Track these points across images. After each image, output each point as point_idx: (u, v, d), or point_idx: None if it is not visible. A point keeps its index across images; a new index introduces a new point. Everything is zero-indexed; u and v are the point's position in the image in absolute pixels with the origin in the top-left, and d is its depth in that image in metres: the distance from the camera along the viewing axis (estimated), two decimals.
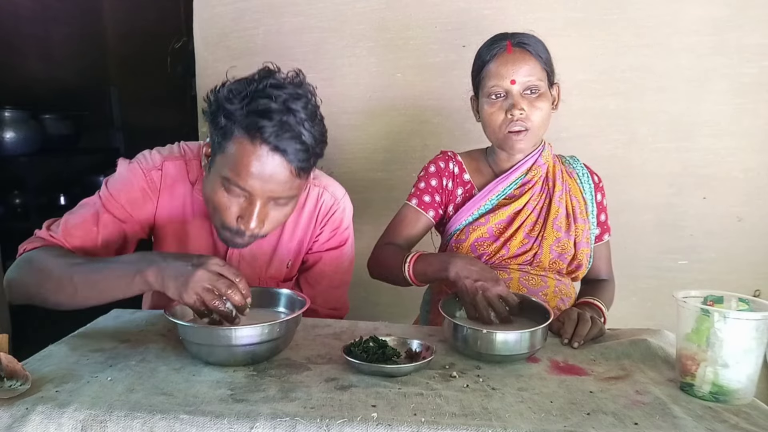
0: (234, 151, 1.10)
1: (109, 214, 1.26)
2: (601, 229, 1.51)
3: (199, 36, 2.18)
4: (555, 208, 1.42)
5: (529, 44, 1.34)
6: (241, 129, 1.09)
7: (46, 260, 1.13)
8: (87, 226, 1.24)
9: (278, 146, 1.08)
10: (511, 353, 1.04)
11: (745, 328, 0.89)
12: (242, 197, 1.15)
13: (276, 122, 1.07)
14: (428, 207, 1.46)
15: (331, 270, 1.45)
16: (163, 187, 1.30)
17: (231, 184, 1.13)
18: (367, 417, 0.83)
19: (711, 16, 1.88)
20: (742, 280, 1.98)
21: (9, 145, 3.05)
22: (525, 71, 1.32)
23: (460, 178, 1.48)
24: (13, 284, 1.14)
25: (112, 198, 1.27)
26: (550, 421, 0.84)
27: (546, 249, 1.41)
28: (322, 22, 2.05)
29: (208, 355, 1.00)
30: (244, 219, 1.15)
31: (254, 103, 1.08)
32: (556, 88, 1.41)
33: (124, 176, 1.30)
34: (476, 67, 1.42)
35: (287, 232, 1.39)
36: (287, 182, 1.13)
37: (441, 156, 1.51)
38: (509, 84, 1.32)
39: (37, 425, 0.81)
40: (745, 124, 1.93)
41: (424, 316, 1.56)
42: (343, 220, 1.43)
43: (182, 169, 1.32)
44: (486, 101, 1.37)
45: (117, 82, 4.06)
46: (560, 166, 1.48)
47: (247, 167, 1.09)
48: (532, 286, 1.39)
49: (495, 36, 1.39)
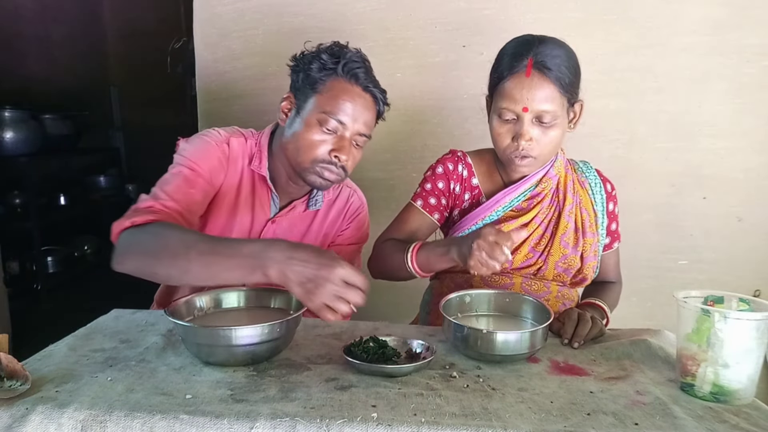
0: (333, 92, 1.30)
1: (198, 176, 1.31)
2: (611, 237, 1.48)
3: (199, 36, 2.18)
4: (564, 223, 1.38)
5: (552, 68, 1.23)
6: (340, 74, 1.30)
7: (163, 232, 1.11)
8: (184, 189, 1.27)
9: (369, 87, 1.32)
10: (512, 353, 1.04)
11: (745, 328, 0.89)
12: (334, 134, 1.30)
13: (366, 70, 1.33)
14: (434, 210, 1.43)
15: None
16: (230, 161, 1.39)
17: (329, 117, 1.29)
18: (367, 417, 0.83)
19: (711, 16, 1.88)
20: (742, 280, 1.98)
21: (9, 145, 3.05)
22: (541, 98, 1.23)
23: (468, 183, 1.43)
24: (126, 253, 1.11)
25: (193, 163, 1.32)
26: (550, 421, 0.84)
27: (551, 265, 1.38)
28: (322, 22, 2.05)
29: (208, 355, 1.00)
30: (338, 150, 1.30)
31: (348, 57, 1.31)
32: (579, 105, 1.32)
33: (200, 147, 1.35)
34: (494, 75, 1.33)
35: (317, 222, 1.50)
36: (370, 121, 1.35)
37: (450, 157, 1.46)
38: (521, 110, 1.24)
39: (37, 425, 0.81)
40: (745, 124, 1.93)
41: (423, 317, 1.56)
42: (365, 222, 1.58)
43: (243, 146, 1.41)
44: (496, 118, 1.30)
45: (117, 82, 4.06)
46: (572, 175, 1.43)
47: (346, 102, 1.29)
48: (534, 291, 1.38)
49: (519, 44, 1.28)
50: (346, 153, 1.30)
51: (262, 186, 1.41)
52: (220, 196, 1.39)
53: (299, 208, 1.45)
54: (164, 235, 1.10)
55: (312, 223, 1.49)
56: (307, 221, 1.49)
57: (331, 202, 1.51)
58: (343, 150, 1.30)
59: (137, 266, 1.10)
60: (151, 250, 1.09)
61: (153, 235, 1.11)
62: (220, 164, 1.36)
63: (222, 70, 2.16)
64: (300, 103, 1.34)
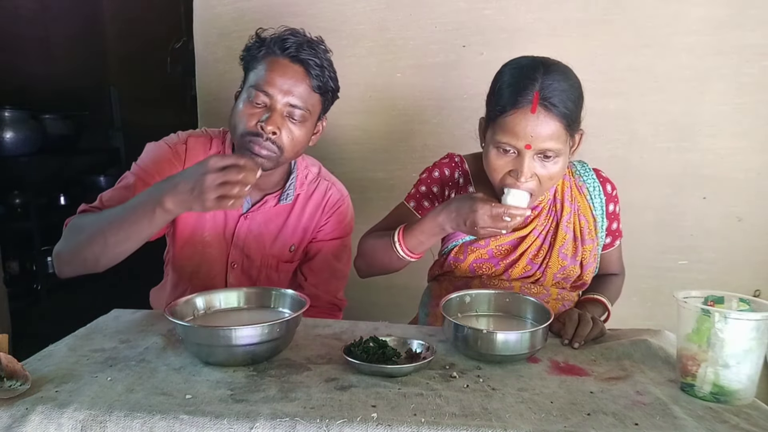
0: (261, 66, 1.30)
1: (140, 180, 1.34)
2: (612, 237, 1.46)
3: (199, 36, 2.18)
4: (562, 234, 1.36)
5: (557, 104, 1.16)
6: (269, 49, 1.30)
7: (80, 222, 1.24)
8: (121, 193, 1.32)
9: (298, 57, 1.29)
10: (512, 353, 1.04)
11: (745, 328, 0.89)
12: (263, 107, 1.29)
13: (297, 42, 1.30)
14: (425, 213, 1.37)
15: (333, 258, 1.54)
16: (187, 159, 1.39)
17: (255, 90, 1.28)
18: (367, 417, 0.83)
19: (711, 16, 1.88)
20: (742, 280, 1.98)
21: (9, 145, 3.05)
22: (545, 136, 1.16)
23: (464, 190, 1.40)
24: (59, 255, 1.23)
25: (142, 168, 1.36)
26: (550, 421, 0.84)
27: (549, 276, 1.38)
28: (322, 22, 2.05)
29: (208, 355, 1.00)
30: (263, 122, 1.28)
31: (281, 34, 1.32)
32: (579, 135, 1.27)
33: (151, 151, 1.40)
34: (494, 105, 1.23)
35: (294, 216, 1.49)
36: (304, 94, 1.30)
37: (447, 162, 1.43)
38: (523, 147, 1.18)
39: (37, 425, 0.81)
40: (745, 124, 1.93)
41: (422, 318, 1.55)
42: (347, 215, 1.56)
43: (205, 145, 1.43)
44: (494, 150, 1.23)
45: (117, 82, 4.06)
46: (570, 181, 1.41)
47: (271, 73, 1.28)
48: (533, 295, 1.38)
49: (523, 73, 1.20)
50: (272, 124, 1.27)
51: None
52: None
53: (271, 203, 1.45)
54: (79, 225, 1.22)
55: (288, 217, 1.49)
56: (283, 216, 1.48)
57: (307, 196, 1.50)
58: (269, 121, 1.27)
59: (70, 262, 1.21)
60: (72, 243, 1.20)
61: (70, 231, 1.23)
62: (170, 164, 1.37)
63: (222, 70, 2.16)
64: (241, 87, 1.37)
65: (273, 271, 1.51)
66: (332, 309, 1.56)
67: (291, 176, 1.47)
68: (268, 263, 1.49)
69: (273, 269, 1.51)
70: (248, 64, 1.35)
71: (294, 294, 1.18)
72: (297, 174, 1.48)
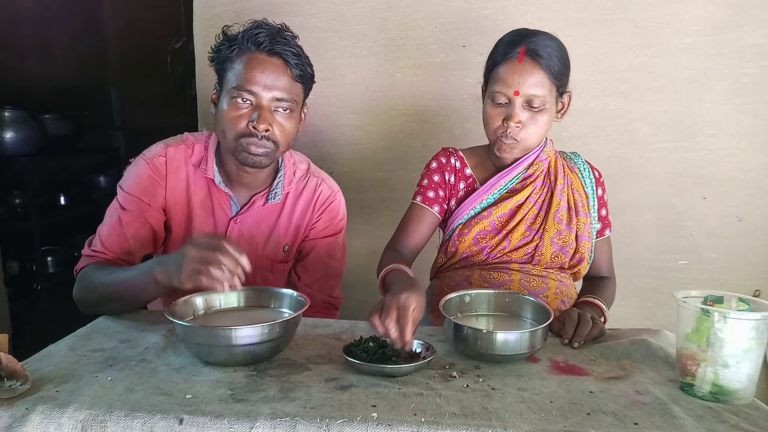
0: (239, 65, 1.29)
1: (128, 212, 1.36)
2: (602, 224, 1.52)
3: (199, 36, 2.18)
4: (556, 201, 1.43)
5: (542, 56, 1.31)
6: (242, 47, 1.29)
7: (92, 279, 1.28)
8: (116, 232, 1.35)
9: (274, 49, 1.28)
10: (511, 353, 1.04)
11: (745, 328, 0.89)
12: (250, 106, 1.29)
13: (269, 34, 1.29)
14: (433, 202, 1.47)
15: (326, 256, 1.53)
16: (168, 171, 1.40)
17: (238, 91, 1.27)
18: (367, 417, 0.83)
19: (711, 16, 1.88)
20: (742, 280, 1.98)
21: (9, 145, 3.05)
22: (531, 83, 1.31)
23: (461, 173, 1.49)
24: (79, 301, 1.30)
25: (127, 196, 1.37)
26: (550, 421, 0.84)
27: (547, 242, 1.42)
28: (322, 22, 2.05)
29: (208, 355, 1.01)
30: (255, 122, 1.28)
31: (249, 29, 1.30)
32: (567, 96, 1.41)
33: (132, 172, 1.40)
34: (489, 62, 1.40)
35: (285, 215, 1.48)
36: (288, 85, 1.30)
37: (442, 152, 1.52)
38: (512, 94, 1.32)
39: (37, 425, 0.81)
40: (745, 124, 1.93)
41: (424, 317, 1.56)
42: (339, 211, 1.54)
43: (184, 153, 1.42)
44: (489, 102, 1.38)
45: (117, 82, 4.06)
46: (562, 162, 1.49)
47: (251, 71, 1.27)
48: (532, 288, 1.39)
49: (514, 34, 1.36)
50: (264, 122, 1.28)
51: (216, 187, 1.41)
52: (170, 206, 1.41)
53: (259, 203, 1.44)
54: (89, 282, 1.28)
55: (279, 217, 1.47)
56: (274, 215, 1.47)
57: (297, 193, 1.48)
58: (260, 120, 1.27)
59: (89, 312, 1.29)
60: (88, 299, 1.28)
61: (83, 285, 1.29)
62: (152, 182, 1.38)
63: None
64: (219, 89, 1.35)
65: (268, 273, 1.49)
66: (328, 308, 1.55)
67: (278, 174, 1.45)
68: (262, 265, 1.47)
69: (268, 270, 1.49)
70: (222, 65, 1.33)
71: (294, 294, 1.18)
72: (284, 171, 1.45)
